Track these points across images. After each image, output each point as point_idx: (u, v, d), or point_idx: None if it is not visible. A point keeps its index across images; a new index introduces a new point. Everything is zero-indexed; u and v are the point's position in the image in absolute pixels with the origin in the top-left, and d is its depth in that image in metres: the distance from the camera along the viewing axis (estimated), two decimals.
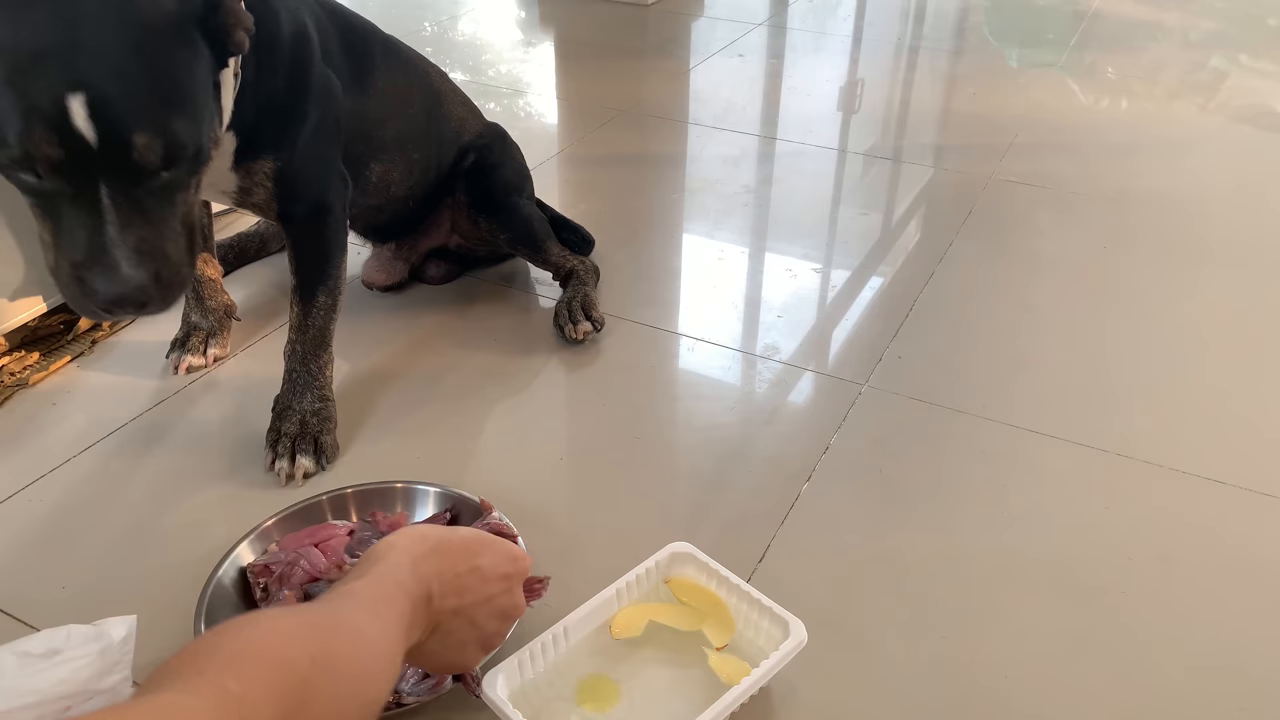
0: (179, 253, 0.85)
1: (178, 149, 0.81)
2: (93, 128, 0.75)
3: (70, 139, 0.75)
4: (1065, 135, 1.95)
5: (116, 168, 0.78)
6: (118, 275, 0.80)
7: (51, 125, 0.75)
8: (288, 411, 1.09)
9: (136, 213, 0.81)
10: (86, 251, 0.80)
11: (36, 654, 0.68)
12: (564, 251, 1.39)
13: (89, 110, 0.75)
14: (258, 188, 1.05)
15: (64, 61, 0.75)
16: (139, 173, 0.79)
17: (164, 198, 0.83)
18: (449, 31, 2.55)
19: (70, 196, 0.79)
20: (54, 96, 0.74)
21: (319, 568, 0.88)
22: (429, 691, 0.78)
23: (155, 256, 0.82)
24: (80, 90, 0.75)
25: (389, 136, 1.23)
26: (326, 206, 1.10)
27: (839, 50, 2.47)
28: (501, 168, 1.36)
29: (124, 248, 0.80)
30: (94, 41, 0.76)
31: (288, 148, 1.04)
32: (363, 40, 1.19)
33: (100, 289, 0.80)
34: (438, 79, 1.34)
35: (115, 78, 0.76)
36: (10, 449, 1.11)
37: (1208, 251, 1.54)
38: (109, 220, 0.79)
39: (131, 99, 0.77)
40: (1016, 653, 0.88)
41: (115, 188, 0.79)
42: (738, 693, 0.77)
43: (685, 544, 0.91)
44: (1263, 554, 0.99)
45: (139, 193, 0.81)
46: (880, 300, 1.41)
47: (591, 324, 1.29)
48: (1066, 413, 1.18)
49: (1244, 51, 2.43)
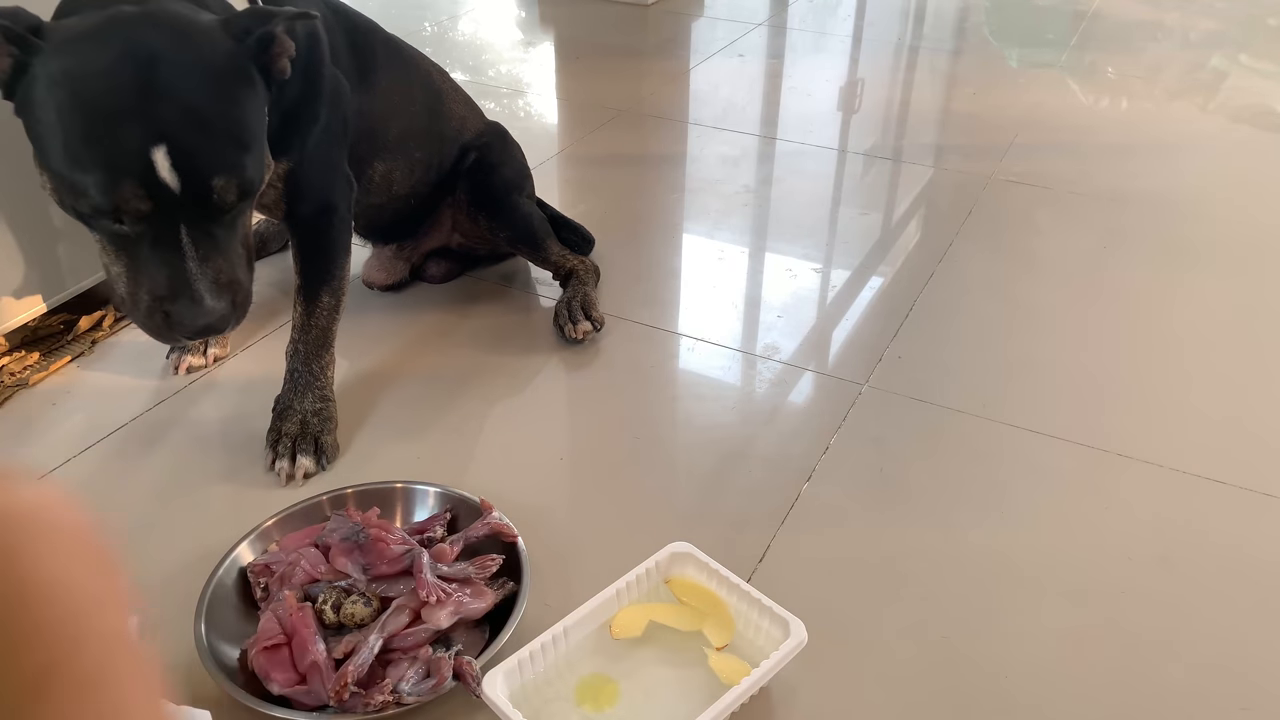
0: (246, 276, 0.92)
1: (250, 185, 0.87)
2: (176, 177, 0.81)
3: (156, 189, 0.81)
4: (1065, 135, 1.95)
5: (198, 209, 0.84)
6: (203, 307, 0.86)
7: (138, 179, 0.80)
8: (288, 411, 1.09)
9: (212, 246, 0.87)
10: (170, 287, 0.86)
11: None
12: (564, 251, 1.39)
13: (171, 161, 0.80)
14: (269, 189, 1.06)
15: (144, 116, 0.80)
16: (218, 212, 0.86)
17: (231, 228, 0.89)
18: (449, 31, 2.55)
19: (152, 239, 0.85)
20: (138, 151, 0.80)
21: (319, 568, 0.88)
22: (429, 691, 0.78)
23: (231, 284, 0.89)
24: (161, 143, 0.80)
25: (392, 135, 1.23)
26: (332, 207, 1.11)
27: (839, 50, 2.47)
28: (502, 167, 1.36)
29: (204, 280, 0.86)
30: (169, 94, 0.81)
31: (299, 149, 1.05)
32: (366, 39, 1.19)
33: (187, 321, 0.87)
34: (439, 78, 1.34)
35: (192, 127, 0.82)
36: (10, 449, 1.11)
37: (1208, 251, 1.54)
38: (189, 257, 0.86)
39: (209, 145, 0.83)
40: (1016, 652, 0.88)
41: (194, 226, 0.85)
42: (738, 693, 0.77)
43: (685, 544, 0.91)
44: (1262, 554, 0.99)
45: (213, 228, 0.87)
46: (880, 300, 1.41)
47: (591, 324, 1.29)
48: (1066, 413, 1.18)
49: (1244, 51, 2.43)
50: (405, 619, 0.83)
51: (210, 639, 0.83)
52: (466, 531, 0.93)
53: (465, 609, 0.85)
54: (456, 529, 0.96)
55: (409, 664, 0.80)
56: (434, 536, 0.93)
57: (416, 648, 0.82)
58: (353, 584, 0.86)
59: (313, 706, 0.79)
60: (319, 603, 0.85)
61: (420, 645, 0.82)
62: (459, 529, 0.95)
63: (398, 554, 0.88)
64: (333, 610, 0.84)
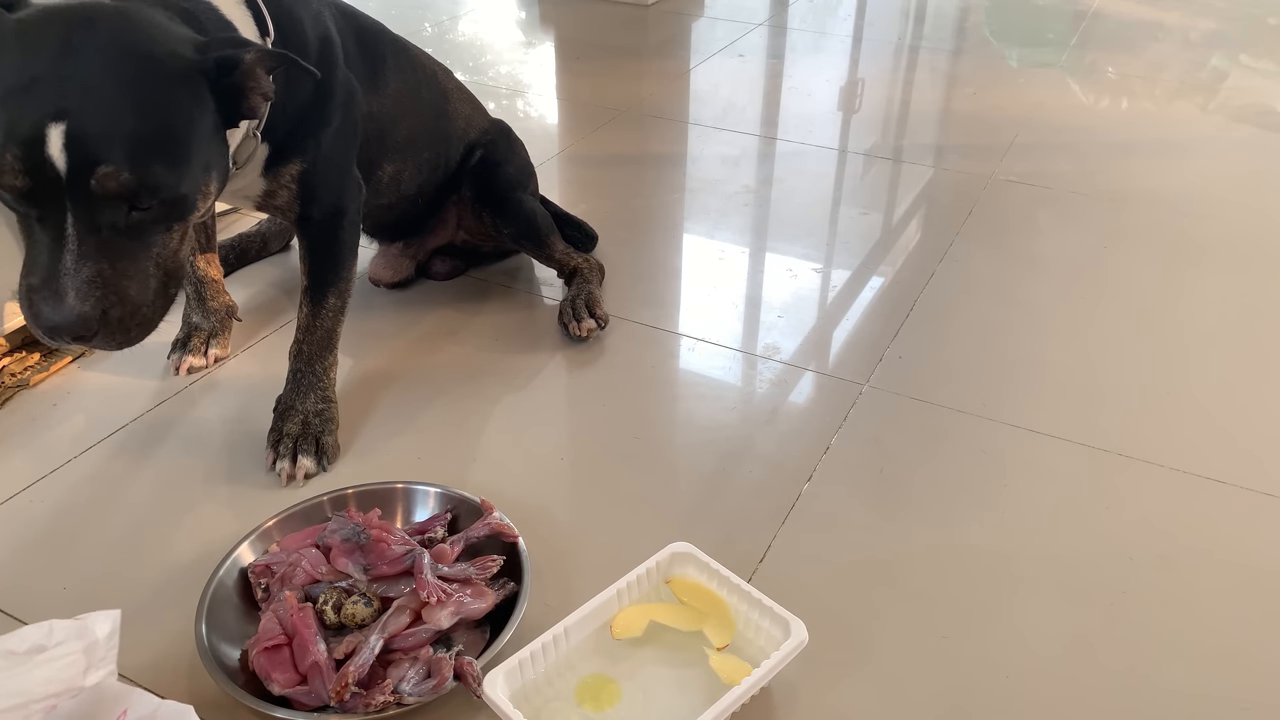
0: (142, 294, 0.83)
1: (149, 190, 0.80)
2: (65, 157, 0.76)
3: (40, 165, 0.76)
4: (1065, 135, 1.95)
5: (84, 200, 0.78)
6: (62, 304, 0.79)
7: (24, 150, 0.75)
8: (290, 411, 1.09)
9: (100, 247, 0.80)
10: (40, 276, 0.79)
11: (20, 651, 0.68)
12: (568, 248, 1.40)
13: (64, 140, 0.75)
14: (282, 190, 1.06)
15: (54, 90, 0.76)
16: (103, 206, 0.79)
17: (136, 237, 0.82)
18: (449, 32, 2.55)
19: (38, 219, 0.79)
20: (34, 122, 0.75)
21: (320, 569, 0.88)
22: (430, 692, 0.78)
23: (109, 293, 0.81)
24: (61, 119, 0.75)
25: (401, 137, 1.24)
26: (342, 210, 1.11)
27: (839, 50, 2.47)
28: (506, 164, 1.37)
29: (75, 278, 0.79)
30: (88, 75, 0.77)
31: (313, 150, 1.05)
32: (374, 41, 1.19)
33: (42, 314, 0.79)
34: (444, 78, 1.35)
35: (98, 111, 0.77)
36: (11, 450, 1.11)
37: (1208, 251, 1.54)
38: (68, 249, 0.79)
39: (108, 134, 0.77)
40: (1017, 652, 0.88)
41: (81, 219, 0.79)
42: (738, 693, 0.77)
43: (686, 544, 0.91)
44: (1263, 554, 0.99)
45: (107, 228, 0.80)
46: (881, 300, 1.41)
47: (596, 321, 1.30)
48: (1067, 412, 1.18)
49: (1244, 51, 2.43)
50: (406, 619, 0.83)
51: (211, 639, 0.83)
52: (467, 532, 0.93)
53: (466, 609, 0.85)
54: (457, 529, 0.96)
55: (410, 664, 0.80)
56: (435, 537, 0.93)
57: (417, 648, 0.82)
58: (353, 584, 0.86)
59: (313, 707, 0.79)
60: (320, 603, 0.85)
61: (421, 645, 0.82)
62: (460, 529, 0.95)
63: (398, 554, 0.88)
64: (333, 611, 0.84)
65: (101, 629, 0.70)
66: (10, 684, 0.65)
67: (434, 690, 0.78)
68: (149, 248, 0.84)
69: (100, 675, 0.68)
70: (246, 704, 0.78)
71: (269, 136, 1.00)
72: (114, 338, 0.83)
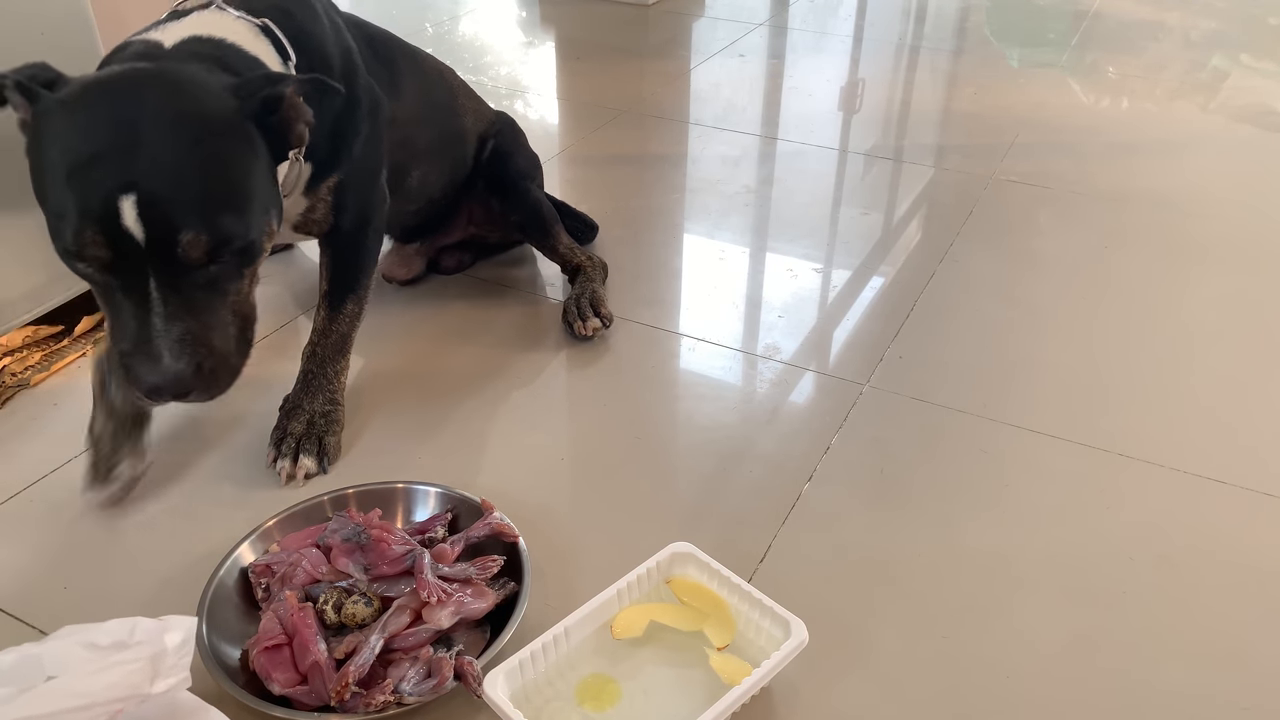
0: (225, 342, 0.86)
1: (224, 244, 0.83)
2: (141, 227, 0.78)
3: (119, 238, 0.78)
4: (1066, 135, 1.95)
5: (164, 263, 0.81)
6: (159, 366, 0.81)
7: (102, 225, 0.78)
8: (297, 411, 1.10)
9: (184, 305, 0.83)
10: (133, 341, 0.82)
11: (103, 645, 0.68)
12: (572, 243, 1.41)
13: (138, 210, 0.78)
14: (320, 204, 1.08)
15: (118, 163, 0.78)
16: (186, 268, 0.82)
17: (213, 289, 0.85)
18: (450, 32, 2.55)
19: (121, 288, 0.82)
20: (106, 197, 0.77)
21: (320, 568, 0.88)
22: (430, 692, 0.78)
23: (199, 348, 0.83)
24: (131, 191, 0.78)
25: (425, 141, 1.26)
26: (368, 219, 1.13)
27: (840, 50, 2.47)
28: (515, 154, 1.41)
29: (167, 339, 0.82)
30: (148, 143, 0.79)
31: (346, 160, 1.06)
32: (386, 49, 1.21)
33: (142, 377, 0.82)
34: (449, 76, 1.37)
35: (164, 178, 0.79)
36: (12, 449, 1.11)
37: (1209, 251, 1.54)
38: (155, 312, 0.81)
39: (179, 198, 0.79)
40: (1017, 652, 0.88)
41: (163, 281, 0.81)
42: (739, 693, 0.77)
43: (686, 544, 0.91)
44: (1264, 554, 0.99)
45: (187, 286, 0.83)
46: (881, 300, 1.41)
47: (601, 320, 1.30)
48: (1067, 412, 1.18)
49: (1245, 51, 2.43)
50: (406, 619, 0.83)
51: (211, 639, 0.83)
52: (468, 532, 0.93)
53: (466, 609, 0.85)
54: (458, 529, 0.96)
55: (410, 664, 0.80)
56: (435, 537, 0.93)
57: (418, 648, 0.82)
58: (354, 584, 0.86)
59: (314, 706, 0.79)
60: (320, 603, 0.85)
61: (421, 645, 0.82)
62: (460, 529, 0.95)
63: (399, 554, 0.88)
64: (334, 610, 0.84)
65: (172, 637, 0.70)
66: (79, 684, 0.65)
67: (434, 690, 0.79)
68: (226, 296, 0.86)
69: (169, 684, 0.68)
70: (247, 704, 0.78)
71: (310, 156, 1.01)
72: (208, 390, 0.85)
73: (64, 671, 0.66)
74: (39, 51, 1.15)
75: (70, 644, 0.68)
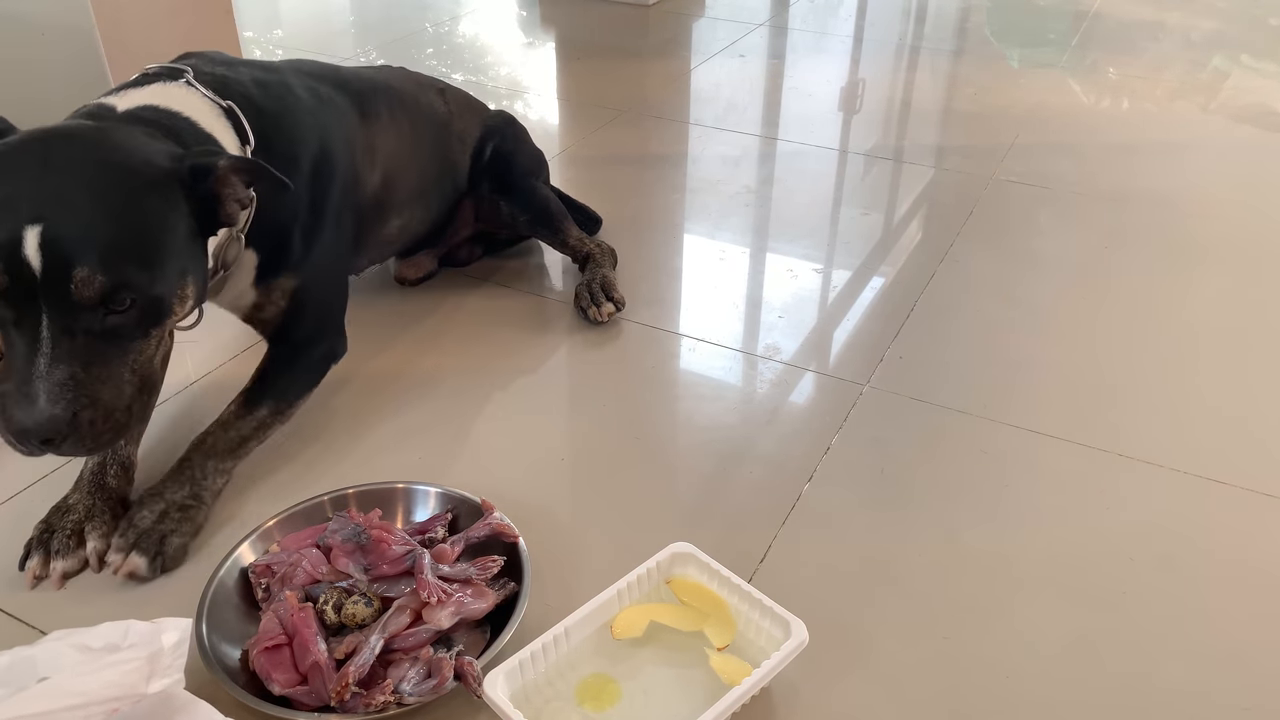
0: (115, 398, 0.83)
1: (121, 289, 0.80)
2: (40, 257, 0.77)
3: (18, 266, 0.77)
4: (1066, 135, 1.95)
5: (59, 300, 0.78)
6: (33, 408, 0.78)
7: (3, 253, 0.77)
8: (154, 498, 0.97)
9: (74, 351, 0.80)
10: (15, 380, 0.79)
11: (96, 648, 0.68)
12: (581, 234, 1.44)
13: (40, 241, 0.77)
14: (272, 305, 1.06)
15: (33, 199, 0.79)
16: (80, 309, 0.79)
17: (111, 341, 0.82)
18: (450, 32, 2.55)
19: (14, 323, 0.79)
20: (12, 226, 0.77)
21: (320, 569, 0.88)
22: (430, 692, 0.78)
23: (81, 396, 0.80)
24: (38, 223, 0.77)
25: (405, 193, 1.26)
26: (321, 335, 1.11)
27: (840, 50, 2.47)
28: (518, 153, 1.42)
29: (47, 381, 0.78)
30: (65, 185, 0.80)
31: (306, 265, 1.05)
32: (372, 104, 1.20)
33: (13, 415, 0.78)
34: (439, 100, 1.37)
35: (72, 215, 0.79)
36: (11, 449, 1.11)
37: (1209, 251, 1.54)
38: (42, 353, 0.79)
39: (82, 235, 0.78)
40: (1017, 653, 0.88)
41: (56, 322, 0.79)
42: (739, 693, 0.77)
43: (686, 544, 0.91)
44: (1263, 554, 0.99)
45: (82, 332, 0.80)
46: (881, 300, 1.41)
47: (614, 304, 1.32)
48: (1067, 413, 1.18)
49: (1245, 52, 2.43)
50: (406, 619, 0.83)
51: (211, 639, 0.83)
52: (468, 532, 0.93)
53: (466, 609, 0.85)
54: (458, 529, 0.96)
55: (410, 664, 0.80)
56: (435, 537, 0.93)
57: (418, 648, 0.82)
58: (354, 584, 0.86)
59: (314, 707, 0.79)
60: (320, 603, 0.85)
61: (421, 646, 0.82)
62: (460, 529, 0.95)
63: (399, 554, 0.88)
64: (334, 610, 0.84)
65: (169, 637, 0.70)
66: (75, 683, 0.65)
67: (434, 690, 0.79)
68: (124, 353, 0.83)
69: (165, 683, 0.68)
70: (247, 704, 0.78)
71: (257, 243, 1.00)
72: (84, 441, 0.81)
73: (58, 672, 0.66)
74: (39, 50, 1.15)
75: (63, 646, 0.68)
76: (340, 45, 2.39)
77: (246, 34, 2.40)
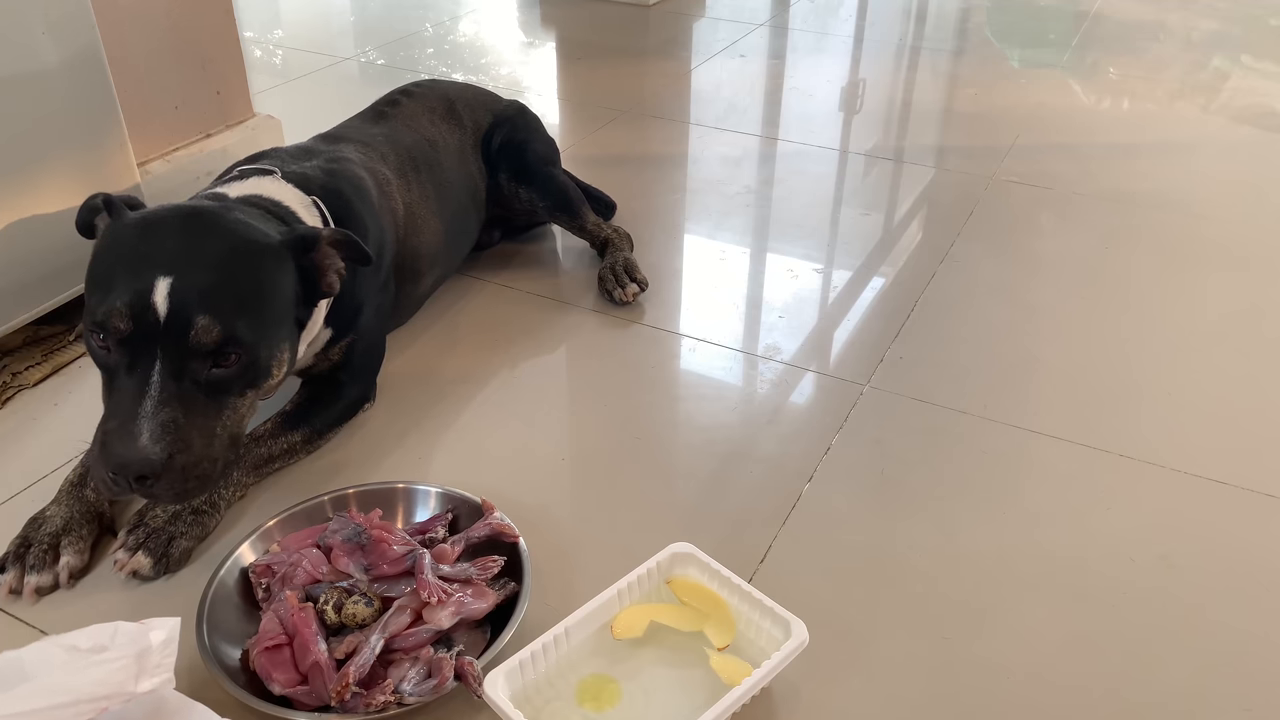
0: (205, 448, 0.87)
1: (233, 341, 0.88)
2: (167, 304, 0.85)
3: (143, 311, 0.85)
4: (1067, 136, 1.95)
5: (174, 346, 0.86)
6: (134, 443, 0.83)
7: (133, 298, 0.85)
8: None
9: (179, 397, 0.86)
10: (120, 417, 0.84)
11: (83, 648, 0.68)
12: (598, 220, 1.49)
13: (169, 289, 0.86)
14: (326, 362, 1.12)
15: (166, 257, 0.88)
16: (192, 355, 0.86)
17: (212, 395, 0.89)
18: (450, 33, 2.55)
19: (126, 368, 0.86)
20: (147, 278, 0.86)
21: (321, 569, 0.88)
22: (430, 692, 0.78)
23: (179, 440, 0.85)
24: (169, 275, 0.86)
25: (438, 251, 1.31)
26: (364, 378, 1.17)
27: (840, 51, 2.47)
28: (532, 142, 1.47)
29: (151, 420, 0.84)
30: (193, 247, 0.90)
31: (361, 326, 1.13)
32: (411, 168, 1.28)
33: (114, 448, 0.83)
34: (456, 131, 1.41)
35: (199, 273, 0.88)
36: (12, 449, 1.11)
37: (1209, 252, 1.54)
38: (150, 395, 0.85)
39: (207, 289, 0.87)
40: (1017, 652, 0.88)
41: (168, 366, 0.86)
42: (739, 693, 0.77)
43: (686, 544, 0.91)
44: (1264, 554, 0.99)
45: (189, 379, 0.87)
46: (882, 301, 1.41)
47: (637, 285, 1.38)
48: (1068, 413, 1.18)
49: (1246, 52, 2.43)
50: (407, 619, 0.83)
51: (212, 639, 0.83)
52: (468, 532, 0.93)
53: (467, 609, 0.85)
54: (458, 529, 0.96)
55: (410, 664, 0.80)
56: (435, 537, 0.93)
57: (418, 648, 0.82)
58: (354, 584, 0.86)
59: (314, 707, 0.79)
60: (320, 603, 0.85)
61: (422, 645, 0.82)
62: (460, 529, 0.95)
63: (399, 554, 0.88)
64: (334, 610, 0.84)
65: (157, 636, 0.70)
66: (64, 681, 0.65)
67: (435, 690, 0.79)
68: (221, 408, 0.90)
69: (154, 683, 0.68)
70: (247, 704, 0.78)
71: (331, 322, 1.08)
72: (174, 486, 0.85)
73: (46, 673, 0.66)
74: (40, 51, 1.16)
75: (51, 648, 0.68)
76: (340, 45, 2.39)
77: (246, 34, 2.41)
